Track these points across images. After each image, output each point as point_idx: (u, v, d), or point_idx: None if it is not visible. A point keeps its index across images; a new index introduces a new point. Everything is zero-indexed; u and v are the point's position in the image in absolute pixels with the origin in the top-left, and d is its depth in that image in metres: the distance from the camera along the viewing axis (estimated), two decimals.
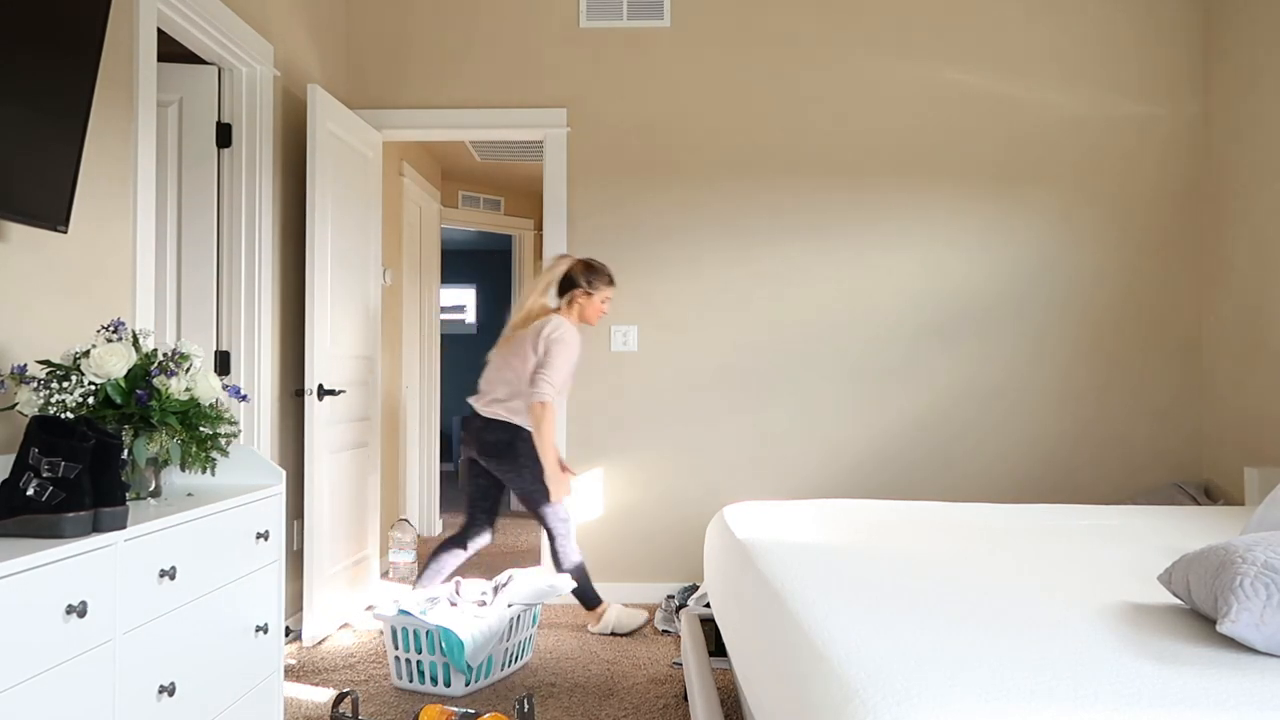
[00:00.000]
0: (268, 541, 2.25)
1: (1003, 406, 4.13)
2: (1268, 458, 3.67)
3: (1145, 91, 4.13)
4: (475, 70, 4.18)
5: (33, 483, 1.56)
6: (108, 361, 1.92)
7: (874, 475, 4.13)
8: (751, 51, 4.16)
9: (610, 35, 4.18)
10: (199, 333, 3.28)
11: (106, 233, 2.42)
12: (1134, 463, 4.12)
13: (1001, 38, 4.13)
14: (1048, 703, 1.13)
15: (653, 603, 4.11)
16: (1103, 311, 4.13)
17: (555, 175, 4.15)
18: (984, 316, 4.13)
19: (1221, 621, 1.33)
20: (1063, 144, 4.13)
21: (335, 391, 3.56)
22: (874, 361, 4.13)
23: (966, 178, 4.13)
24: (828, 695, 1.25)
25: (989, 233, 4.13)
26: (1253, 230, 3.78)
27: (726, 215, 4.15)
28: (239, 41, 3.13)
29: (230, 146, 3.31)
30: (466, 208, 6.48)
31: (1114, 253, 4.13)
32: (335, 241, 3.65)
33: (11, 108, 1.83)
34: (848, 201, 4.14)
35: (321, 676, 3.13)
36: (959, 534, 2.38)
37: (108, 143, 2.43)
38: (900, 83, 4.14)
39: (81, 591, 1.53)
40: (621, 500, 4.15)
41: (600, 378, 4.16)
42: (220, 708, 2.02)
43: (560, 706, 2.85)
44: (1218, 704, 1.13)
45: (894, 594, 1.69)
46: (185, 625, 1.87)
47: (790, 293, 4.14)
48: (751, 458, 4.14)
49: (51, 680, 1.45)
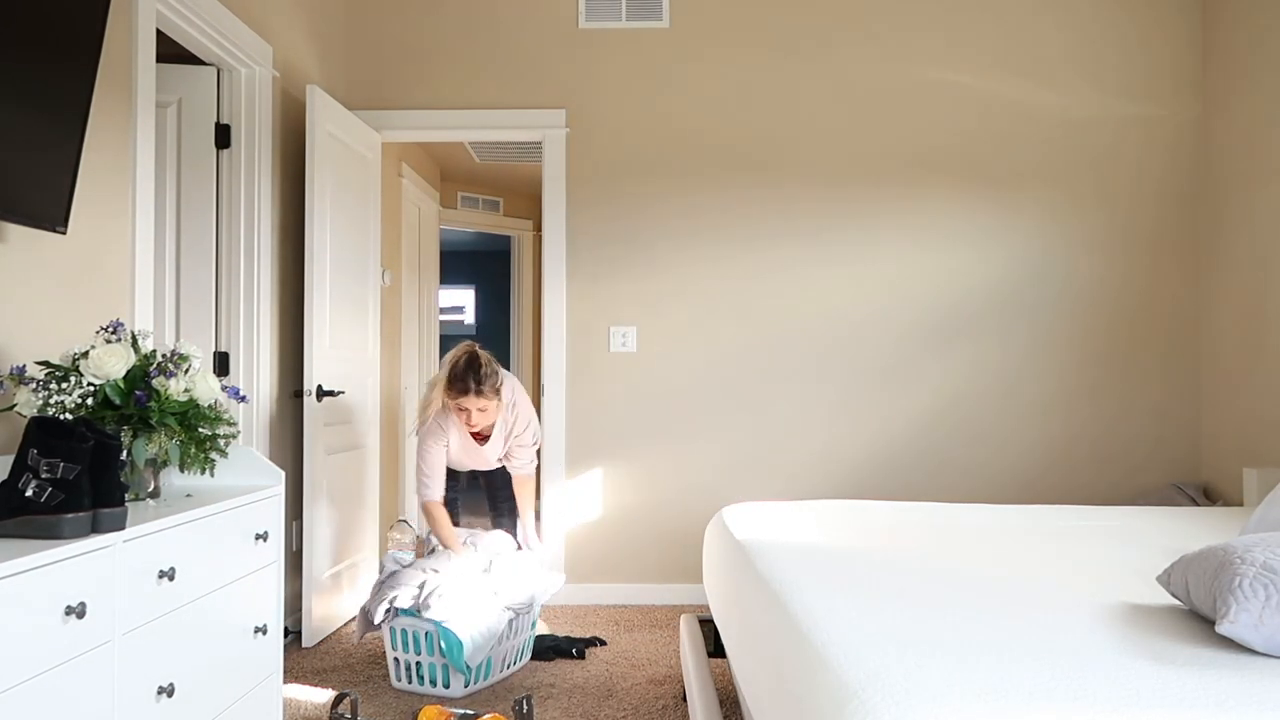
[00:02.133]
0: (266, 542, 2.25)
1: (1001, 407, 4.13)
2: (1266, 458, 3.68)
3: (1145, 92, 4.14)
4: (474, 71, 4.18)
5: (32, 484, 1.56)
6: (107, 362, 1.92)
7: (873, 476, 4.13)
8: (750, 52, 4.16)
9: (609, 36, 4.18)
10: (198, 334, 3.28)
11: (105, 233, 2.42)
12: (1133, 463, 4.12)
13: (1001, 38, 4.13)
14: (1047, 703, 1.13)
15: (651, 604, 4.11)
16: (1101, 312, 4.13)
17: (554, 176, 4.15)
18: (982, 317, 4.13)
19: (1220, 622, 1.33)
20: (1062, 145, 4.13)
21: (334, 392, 3.56)
22: (873, 362, 4.13)
23: (965, 178, 4.13)
24: (827, 695, 1.25)
25: (988, 233, 4.13)
26: (1252, 230, 3.79)
27: (725, 216, 4.15)
28: (238, 42, 3.12)
29: (229, 147, 3.31)
30: (465, 208, 6.48)
31: (1112, 253, 4.13)
32: (334, 242, 3.64)
33: (11, 108, 1.83)
34: (847, 202, 4.14)
35: (320, 677, 3.13)
36: (958, 535, 2.38)
37: (107, 143, 2.43)
38: (899, 84, 4.14)
39: (80, 592, 1.53)
40: (621, 501, 4.15)
41: (599, 379, 4.16)
42: (219, 708, 2.01)
43: (559, 707, 2.85)
44: (1217, 704, 1.13)
45: (893, 594, 1.69)
46: (184, 626, 1.87)
47: (789, 294, 4.14)
48: (750, 458, 4.14)
49: (51, 681, 1.45)
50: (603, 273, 4.15)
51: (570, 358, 4.16)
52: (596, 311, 4.16)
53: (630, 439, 4.15)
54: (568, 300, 4.16)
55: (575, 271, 4.16)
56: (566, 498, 4.15)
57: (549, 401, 4.13)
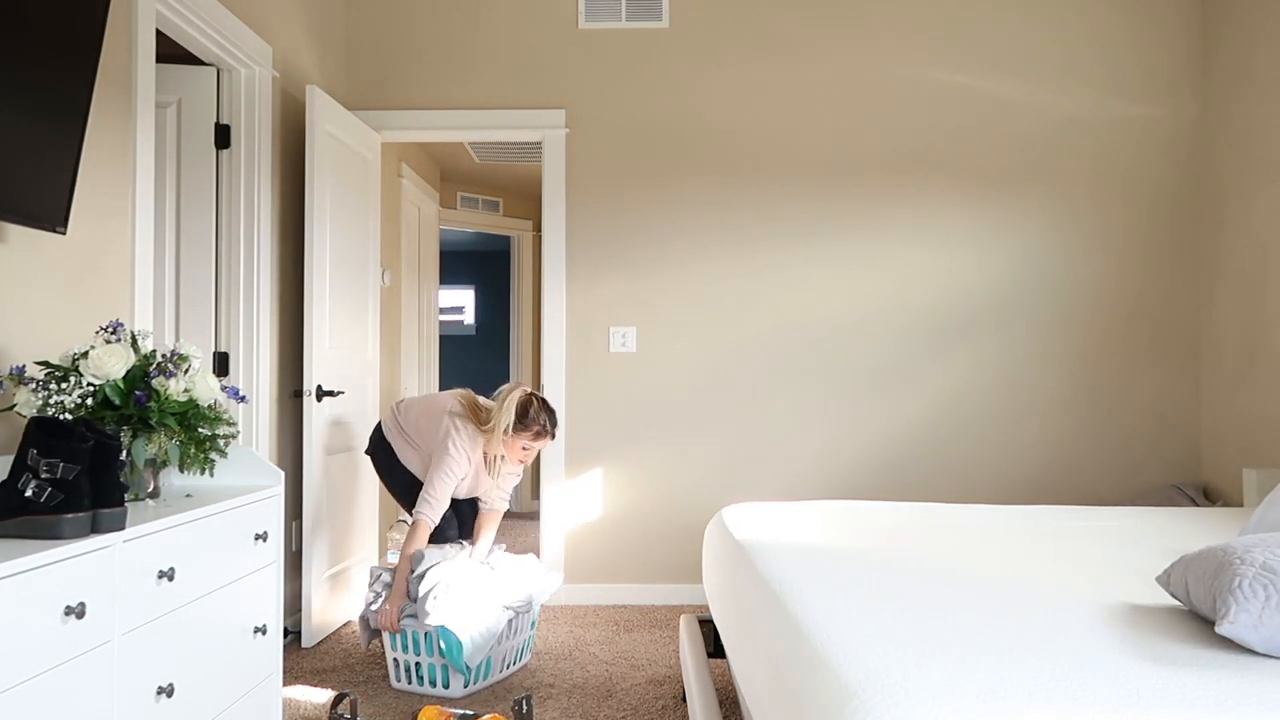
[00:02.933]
0: (266, 542, 2.25)
1: (1001, 407, 4.13)
2: (1266, 459, 3.68)
3: (1144, 93, 4.14)
4: (474, 71, 4.18)
5: (31, 484, 1.56)
6: (106, 362, 1.92)
7: (872, 476, 4.13)
8: (750, 52, 4.16)
9: (609, 36, 4.18)
10: (197, 334, 3.28)
11: (105, 234, 2.42)
12: (1133, 464, 4.13)
13: (1001, 39, 4.14)
14: (1046, 703, 1.13)
15: (651, 604, 4.11)
16: (1101, 312, 4.13)
17: (554, 176, 4.15)
18: (982, 317, 4.13)
19: (1220, 623, 1.33)
20: (1062, 145, 4.13)
21: (334, 392, 3.56)
22: (873, 362, 4.13)
23: (964, 179, 4.13)
24: (826, 696, 1.25)
25: (987, 234, 4.13)
26: (1252, 231, 3.79)
27: (725, 216, 4.15)
28: (237, 42, 3.13)
29: (229, 147, 3.31)
30: (465, 209, 6.48)
31: (1112, 254, 4.13)
32: (334, 243, 3.64)
33: (11, 109, 1.83)
34: (846, 203, 4.14)
35: (320, 677, 3.13)
36: (958, 535, 2.38)
37: (106, 144, 2.43)
38: (899, 84, 4.14)
39: (80, 592, 1.53)
40: (620, 501, 4.15)
41: (599, 379, 4.16)
42: (219, 709, 2.01)
43: (559, 708, 2.84)
44: (1216, 705, 1.13)
45: (892, 595, 1.69)
46: (184, 626, 1.87)
47: (789, 294, 4.14)
48: (750, 459, 4.14)
49: (50, 681, 1.45)
50: (602, 273, 4.16)
51: (570, 358, 4.16)
52: (596, 311, 4.16)
53: (630, 439, 4.15)
54: (567, 300, 4.16)
55: (575, 271, 4.16)
56: (566, 498, 4.15)
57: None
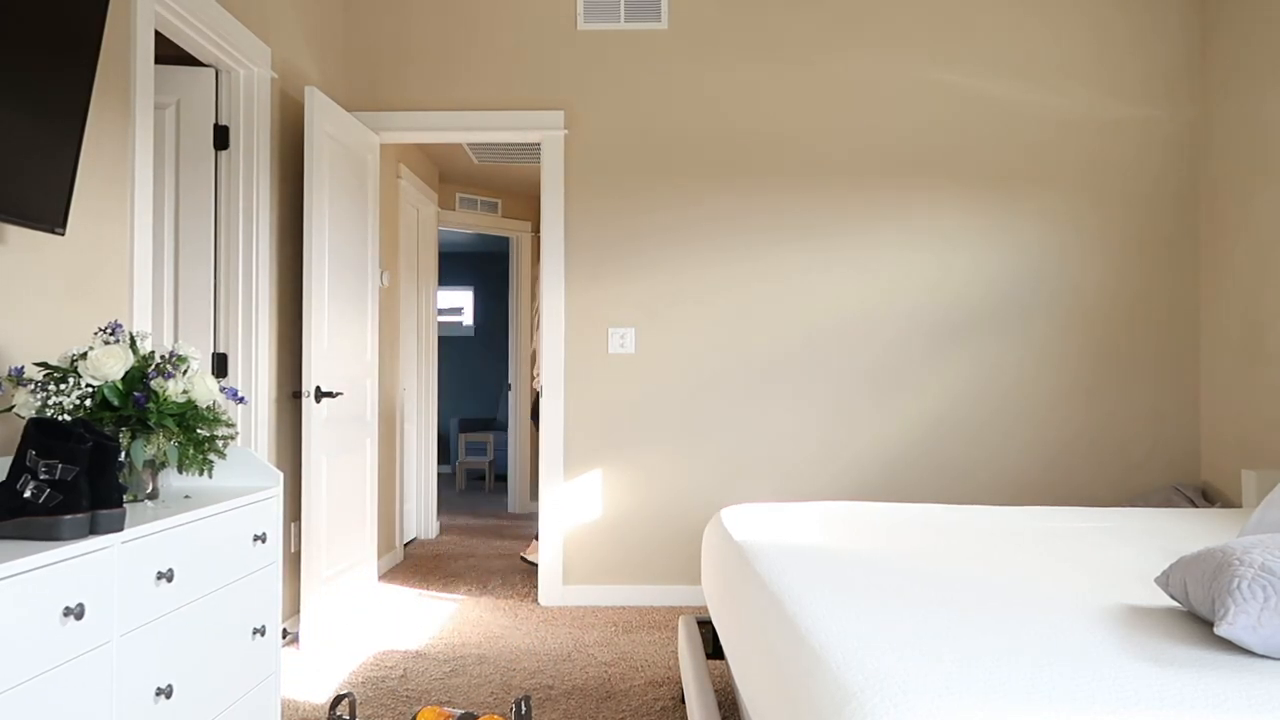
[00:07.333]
0: (265, 544, 2.24)
1: (1000, 408, 4.13)
2: (1265, 460, 3.68)
3: (1143, 94, 4.14)
4: (473, 72, 4.19)
5: (30, 485, 1.56)
6: (105, 364, 1.92)
7: (872, 478, 4.13)
8: (748, 54, 4.16)
9: (608, 37, 4.18)
10: (196, 335, 3.28)
11: (104, 235, 2.42)
12: (1132, 464, 4.13)
13: (1000, 40, 4.14)
14: (1045, 704, 1.13)
15: (650, 605, 4.11)
16: (1100, 313, 4.13)
17: (553, 177, 4.15)
18: (981, 317, 4.13)
19: (1218, 624, 1.33)
20: (1061, 146, 4.13)
21: (333, 393, 3.56)
22: (872, 363, 4.14)
23: (964, 180, 4.13)
24: (825, 697, 1.25)
25: (986, 234, 4.13)
26: (1251, 232, 3.79)
27: (724, 217, 4.15)
28: (236, 44, 3.13)
29: (227, 149, 3.31)
30: (464, 210, 6.48)
31: (1111, 254, 4.14)
32: (332, 244, 3.64)
33: (9, 110, 1.83)
34: (845, 204, 4.14)
35: (319, 678, 3.13)
36: (957, 536, 2.38)
37: (105, 145, 2.43)
38: (898, 86, 4.14)
39: (79, 594, 1.53)
40: (619, 502, 4.15)
41: (598, 380, 4.16)
42: (218, 710, 2.01)
43: (558, 709, 2.84)
44: (1215, 706, 1.13)
45: (892, 596, 1.69)
46: (183, 627, 1.87)
47: (788, 295, 4.14)
48: (749, 460, 4.14)
49: (49, 683, 1.45)
50: (601, 274, 4.16)
51: (569, 359, 4.16)
52: (595, 313, 4.16)
53: (629, 440, 4.15)
54: (566, 301, 4.16)
55: (574, 273, 4.16)
56: (565, 499, 4.15)
57: (547, 403, 4.13)
